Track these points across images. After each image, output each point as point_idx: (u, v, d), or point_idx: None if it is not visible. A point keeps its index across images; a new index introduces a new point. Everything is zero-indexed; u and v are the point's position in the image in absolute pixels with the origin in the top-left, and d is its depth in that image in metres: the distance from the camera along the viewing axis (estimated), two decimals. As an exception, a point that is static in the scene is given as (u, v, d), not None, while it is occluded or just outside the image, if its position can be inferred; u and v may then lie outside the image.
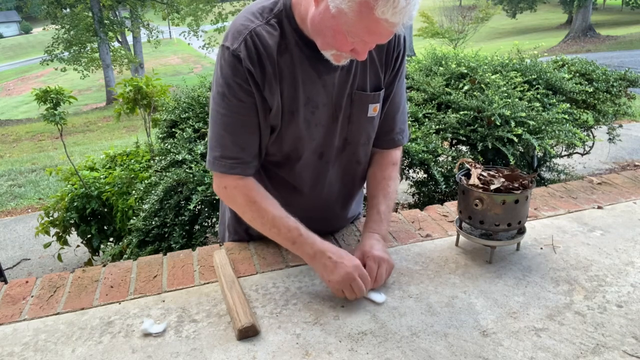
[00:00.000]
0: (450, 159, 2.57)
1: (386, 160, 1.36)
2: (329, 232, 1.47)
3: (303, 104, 1.17)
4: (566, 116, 2.70)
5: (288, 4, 1.12)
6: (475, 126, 2.59)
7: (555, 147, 2.97)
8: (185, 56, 30.86)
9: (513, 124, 2.50)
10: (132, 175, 2.90)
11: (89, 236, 3.06)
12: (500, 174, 1.29)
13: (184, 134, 2.51)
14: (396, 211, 1.67)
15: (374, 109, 1.25)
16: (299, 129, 1.19)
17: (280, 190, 1.30)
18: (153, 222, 2.28)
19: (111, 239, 3.09)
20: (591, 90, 3.20)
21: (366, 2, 0.93)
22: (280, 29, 1.11)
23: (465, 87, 2.87)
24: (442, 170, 2.47)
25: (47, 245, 3.26)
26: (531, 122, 2.54)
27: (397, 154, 1.39)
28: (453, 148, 2.77)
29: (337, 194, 1.38)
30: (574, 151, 3.54)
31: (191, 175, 2.23)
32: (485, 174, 1.30)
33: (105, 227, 3.08)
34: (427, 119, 2.68)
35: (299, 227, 1.17)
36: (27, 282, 1.30)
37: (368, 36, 1.00)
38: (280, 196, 1.30)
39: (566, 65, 3.48)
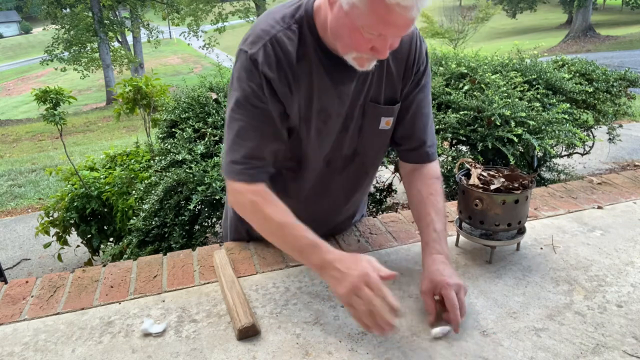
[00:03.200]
0: (450, 159, 2.57)
1: (428, 174, 1.27)
2: (329, 234, 1.47)
3: (316, 113, 1.15)
4: (566, 116, 2.70)
5: (310, 10, 1.09)
6: (475, 126, 2.59)
7: (555, 147, 2.97)
8: (185, 56, 30.86)
9: (513, 124, 2.50)
10: (132, 175, 2.90)
11: (89, 236, 3.06)
12: (500, 174, 1.29)
13: (184, 134, 2.51)
14: (396, 211, 1.67)
15: (387, 122, 1.23)
16: (310, 138, 1.18)
17: (284, 195, 1.30)
18: (153, 222, 2.28)
19: (111, 239, 3.09)
20: (591, 90, 3.20)
21: None
22: (299, 35, 1.09)
23: (465, 87, 2.87)
24: (442, 170, 2.47)
25: (47, 245, 3.26)
26: (531, 122, 2.54)
27: (436, 167, 1.30)
28: (453, 148, 2.77)
29: (342, 201, 1.37)
30: (574, 151, 3.54)
31: (191, 175, 2.23)
32: (485, 174, 1.30)
33: (105, 227, 3.07)
34: (427, 119, 2.67)
35: (306, 235, 1.08)
36: (27, 282, 1.30)
37: (384, 27, 0.96)
38: (283, 201, 1.30)
39: (566, 65, 3.48)
